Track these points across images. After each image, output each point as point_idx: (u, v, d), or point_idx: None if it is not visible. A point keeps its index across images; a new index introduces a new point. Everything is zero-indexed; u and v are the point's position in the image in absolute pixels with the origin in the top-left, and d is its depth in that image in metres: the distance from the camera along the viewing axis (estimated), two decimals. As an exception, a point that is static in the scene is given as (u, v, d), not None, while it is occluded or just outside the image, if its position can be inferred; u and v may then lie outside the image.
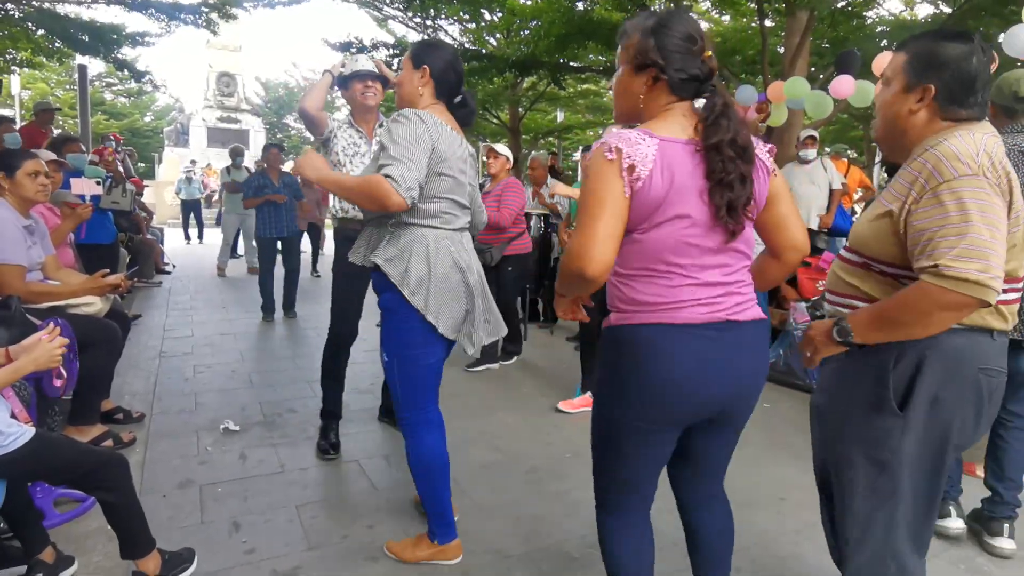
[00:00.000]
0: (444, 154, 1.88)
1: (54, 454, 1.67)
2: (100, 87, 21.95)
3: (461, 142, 2.01)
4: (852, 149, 15.81)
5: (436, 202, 1.92)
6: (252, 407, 3.45)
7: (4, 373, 1.61)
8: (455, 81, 2.01)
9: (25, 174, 2.63)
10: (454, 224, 2.00)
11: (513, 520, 2.38)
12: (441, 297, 1.92)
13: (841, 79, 4.75)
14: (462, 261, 1.98)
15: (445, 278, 1.93)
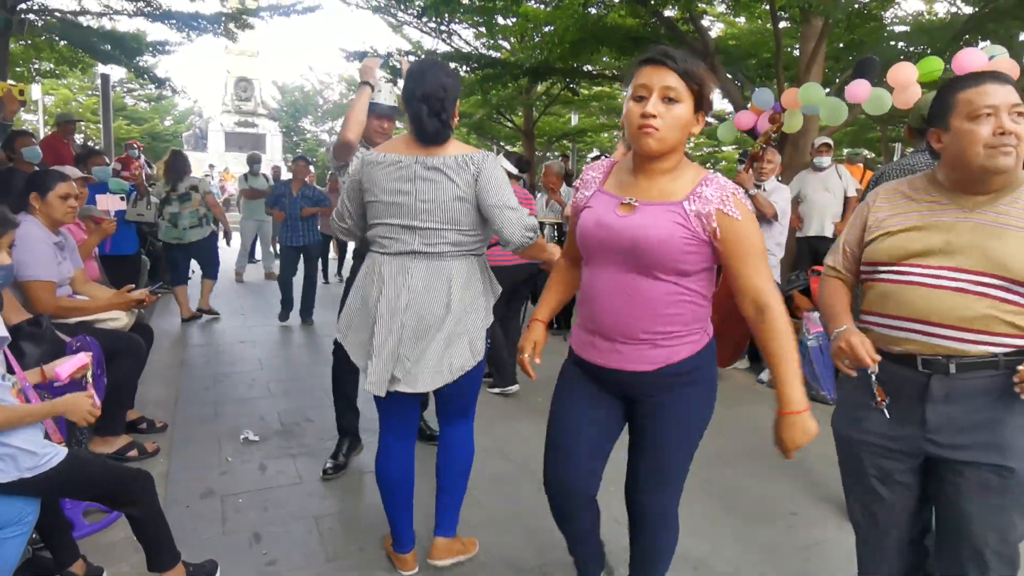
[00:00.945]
0: (366, 184, 1.99)
1: (84, 473, 1.74)
2: (121, 92, 22.31)
3: (399, 161, 1.92)
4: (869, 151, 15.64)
5: (372, 227, 2.02)
6: (271, 416, 3.53)
7: (41, 410, 1.71)
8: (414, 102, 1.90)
9: (57, 196, 2.73)
10: (395, 247, 1.95)
11: (527, 532, 2.42)
12: (350, 318, 2.05)
13: (856, 83, 4.72)
14: (386, 288, 1.93)
15: (361, 301, 2.01)
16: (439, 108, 1.89)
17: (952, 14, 8.40)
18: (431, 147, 1.93)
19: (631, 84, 1.46)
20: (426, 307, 1.91)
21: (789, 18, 7.21)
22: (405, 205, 1.92)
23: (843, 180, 5.40)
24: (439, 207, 1.91)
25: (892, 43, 8.17)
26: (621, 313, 1.51)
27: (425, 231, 1.92)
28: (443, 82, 1.90)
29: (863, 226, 1.58)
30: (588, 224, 1.53)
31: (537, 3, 8.61)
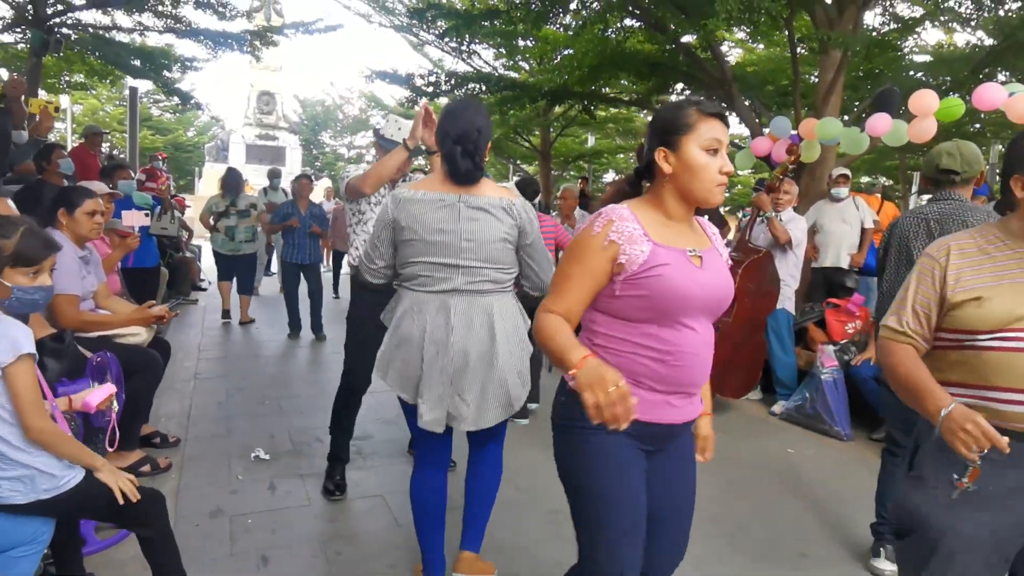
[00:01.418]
0: (406, 224, 1.96)
1: (99, 494, 1.76)
2: (148, 103, 22.84)
3: (442, 200, 1.96)
4: (887, 179, 15.55)
5: (412, 266, 2.00)
6: (281, 435, 3.55)
7: (84, 459, 1.76)
8: (448, 143, 1.95)
9: (84, 212, 2.79)
10: (434, 286, 1.96)
11: (534, 561, 2.41)
12: (392, 354, 2.03)
13: (877, 117, 4.72)
14: (430, 328, 1.94)
15: (400, 340, 2.01)
16: (472, 149, 1.95)
17: (972, 46, 8.38)
18: (466, 186, 1.98)
19: (695, 132, 1.38)
20: (472, 344, 1.94)
21: (808, 47, 7.25)
22: (448, 243, 1.94)
23: (860, 211, 5.38)
24: (482, 246, 1.95)
25: (911, 73, 8.17)
26: (704, 364, 1.45)
27: (468, 269, 1.95)
28: (478, 124, 1.96)
29: (940, 287, 1.43)
30: (683, 282, 1.37)
31: (557, 27, 8.72)
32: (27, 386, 1.62)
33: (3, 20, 7.87)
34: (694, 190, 1.40)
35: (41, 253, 1.76)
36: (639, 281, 1.36)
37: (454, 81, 9.43)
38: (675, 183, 1.41)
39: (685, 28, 6.35)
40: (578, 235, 1.44)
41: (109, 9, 8.42)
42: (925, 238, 2.43)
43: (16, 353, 1.59)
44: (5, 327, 1.63)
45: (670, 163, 1.40)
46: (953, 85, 6.83)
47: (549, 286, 1.52)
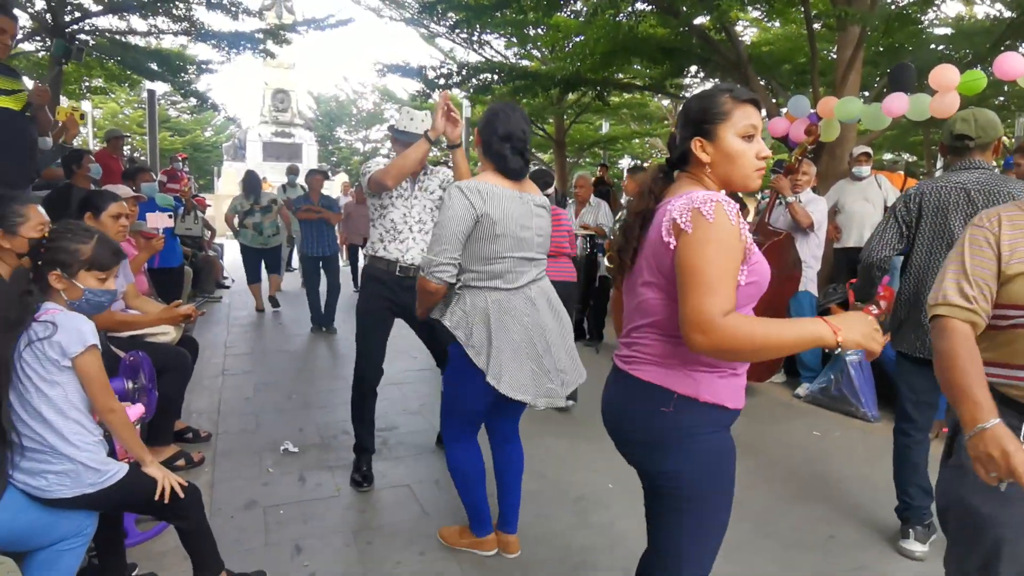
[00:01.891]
0: (496, 217, 2.01)
1: (141, 488, 1.83)
2: (165, 105, 23.13)
3: (520, 197, 2.09)
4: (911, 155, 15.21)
5: (498, 263, 2.05)
6: (309, 428, 3.62)
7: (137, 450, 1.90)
8: (496, 141, 2.08)
9: (109, 216, 2.86)
10: (519, 281, 2.09)
11: (561, 550, 2.44)
12: (501, 359, 2.06)
13: (893, 98, 4.63)
14: (529, 321, 2.09)
15: (509, 341, 2.06)
16: (522, 147, 2.10)
17: (993, 19, 8.14)
18: (518, 183, 2.12)
19: (731, 120, 1.36)
20: (553, 325, 2.16)
21: (825, 24, 7.10)
22: (528, 239, 2.10)
23: (883, 190, 5.28)
24: (546, 240, 2.19)
25: (932, 47, 7.97)
26: None
27: (538, 262, 2.17)
28: (523, 124, 2.12)
29: (995, 256, 1.34)
30: (766, 267, 1.37)
31: (568, 14, 8.65)
32: (97, 372, 1.78)
33: (23, 29, 8.01)
34: (733, 177, 1.39)
35: (111, 260, 1.91)
36: (752, 267, 1.33)
37: (466, 72, 9.42)
38: (714, 171, 1.39)
39: (698, 10, 6.26)
40: (717, 227, 1.25)
41: (125, 14, 8.53)
42: (967, 208, 2.36)
43: (84, 344, 1.74)
44: (73, 320, 1.76)
45: (708, 152, 1.38)
46: (975, 58, 6.66)
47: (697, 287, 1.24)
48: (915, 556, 2.43)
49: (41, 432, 1.71)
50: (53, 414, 1.72)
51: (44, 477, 1.71)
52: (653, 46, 7.47)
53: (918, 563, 2.41)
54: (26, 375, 1.71)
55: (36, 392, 1.71)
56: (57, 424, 1.72)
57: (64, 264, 1.82)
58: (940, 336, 1.36)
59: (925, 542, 2.45)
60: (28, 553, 1.74)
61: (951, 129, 2.43)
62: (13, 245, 2.23)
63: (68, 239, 1.84)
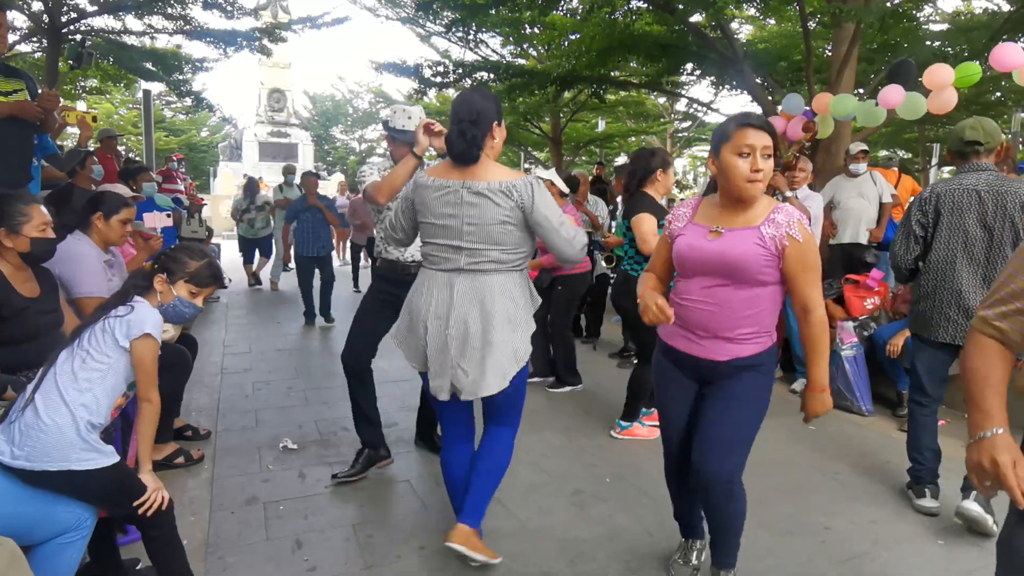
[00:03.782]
0: (418, 205, 2.17)
1: (122, 485, 1.82)
2: (160, 105, 23.09)
3: (446, 186, 2.07)
4: (906, 152, 15.28)
5: (424, 246, 2.20)
6: (308, 425, 3.64)
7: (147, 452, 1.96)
8: (451, 126, 2.06)
9: (119, 220, 2.85)
10: (442, 265, 2.12)
11: (559, 543, 2.46)
12: (403, 326, 2.22)
13: (890, 88, 4.66)
14: (434, 301, 2.10)
15: (412, 311, 2.18)
16: (467, 128, 2.03)
17: (990, 13, 8.18)
18: (471, 169, 2.07)
19: (731, 141, 1.77)
20: (470, 318, 2.06)
21: (820, 21, 7.13)
22: (452, 227, 2.08)
23: (878, 186, 5.31)
24: (483, 229, 2.05)
25: (928, 43, 8.00)
26: (707, 315, 1.88)
27: (470, 251, 2.07)
28: (477, 106, 2.06)
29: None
30: (683, 247, 1.92)
31: (564, 12, 8.66)
32: (149, 361, 1.91)
33: (20, 31, 8.01)
34: (730, 187, 1.81)
35: (208, 281, 2.09)
36: (672, 245, 1.98)
37: (462, 71, 9.42)
38: (720, 181, 1.85)
39: (694, 7, 6.28)
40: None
41: (120, 14, 8.52)
42: (978, 207, 2.62)
43: (143, 330, 1.87)
44: (147, 311, 1.94)
45: (715, 167, 1.85)
46: (972, 54, 6.69)
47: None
48: (932, 511, 2.71)
49: (56, 401, 1.76)
50: (85, 384, 1.80)
51: (32, 447, 1.70)
52: (649, 43, 7.49)
53: (910, 553, 2.45)
54: (88, 342, 1.85)
55: (86, 358, 1.83)
56: (82, 396, 1.79)
57: (171, 271, 2.04)
58: (966, 346, 1.35)
59: (937, 498, 2.75)
60: (31, 548, 1.75)
61: (961, 136, 2.68)
62: (16, 244, 2.24)
63: (184, 252, 2.09)
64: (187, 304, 2.07)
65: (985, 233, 2.61)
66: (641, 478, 3.03)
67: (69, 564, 1.80)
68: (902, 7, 7.11)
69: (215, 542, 2.40)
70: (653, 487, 2.94)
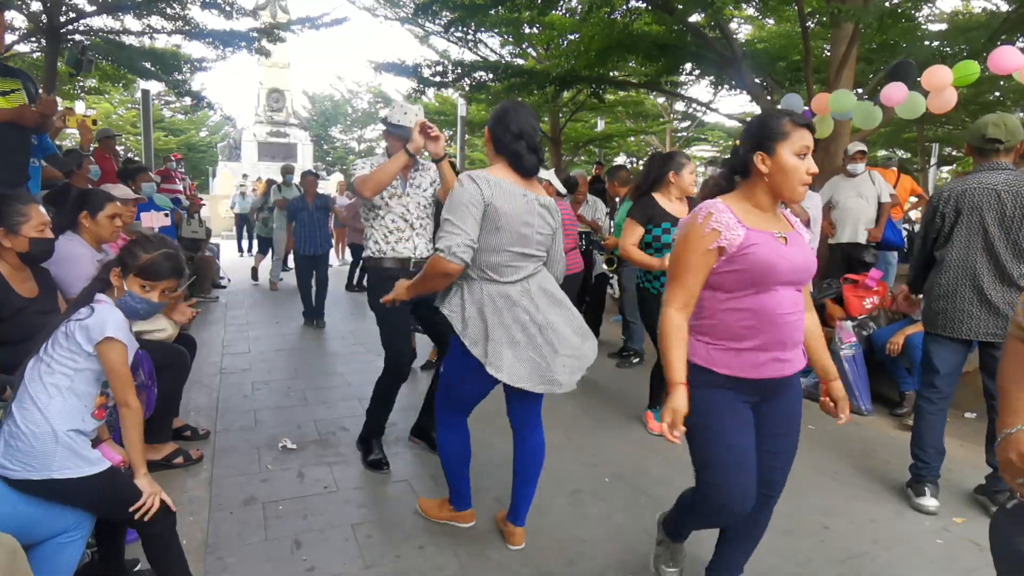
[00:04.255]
0: (501, 209, 2.05)
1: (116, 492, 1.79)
2: (159, 105, 23.06)
3: (524, 195, 2.11)
4: (905, 152, 15.29)
5: (495, 255, 2.10)
6: (307, 425, 3.63)
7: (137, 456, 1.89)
8: (510, 138, 2.11)
9: (106, 216, 2.85)
10: (514, 276, 2.12)
11: (558, 542, 2.46)
12: (500, 350, 2.09)
13: (892, 86, 4.66)
14: (524, 315, 2.11)
15: (505, 332, 2.09)
16: (534, 144, 2.12)
17: (989, 13, 8.19)
18: (527, 182, 2.15)
19: (790, 140, 1.65)
20: (555, 316, 2.16)
21: (819, 21, 7.13)
22: (528, 236, 2.13)
23: (876, 186, 5.32)
24: (545, 240, 2.20)
25: (927, 43, 8.01)
26: (795, 325, 1.73)
27: (536, 259, 2.20)
28: (533, 122, 2.16)
29: None
30: (772, 257, 1.66)
31: (563, 12, 8.67)
32: (117, 364, 1.81)
33: (19, 31, 8.00)
34: (784, 188, 1.68)
35: (165, 274, 1.92)
36: (736, 258, 1.66)
37: (461, 70, 9.42)
38: (769, 181, 1.69)
39: (693, 7, 6.28)
40: (684, 228, 1.73)
41: (119, 14, 8.51)
42: (997, 206, 2.61)
43: (102, 334, 1.78)
44: (106, 312, 1.83)
45: (766, 165, 1.67)
46: (971, 54, 6.69)
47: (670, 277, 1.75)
48: (931, 511, 2.70)
49: (30, 408, 1.73)
50: (53, 391, 1.75)
51: (12, 456, 1.69)
52: (648, 43, 7.49)
53: (909, 552, 2.45)
54: (54, 348, 1.80)
55: (52, 363, 1.78)
56: (52, 402, 1.74)
57: (124, 264, 1.91)
58: (1007, 351, 1.37)
59: (937, 497, 2.75)
60: (30, 546, 1.75)
61: (983, 132, 2.66)
62: (14, 244, 2.24)
63: (138, 244, 1.94)
64: (138, 300, 1.90)
65: (1003, 232, 2.61)
66: (640, 478, 3.03)
67: (69, 563, 1.80)
68: (901, 7, 7.11)
69: (214, 542, 2.39)
70: (652, 487, 2.94)
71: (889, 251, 5.54)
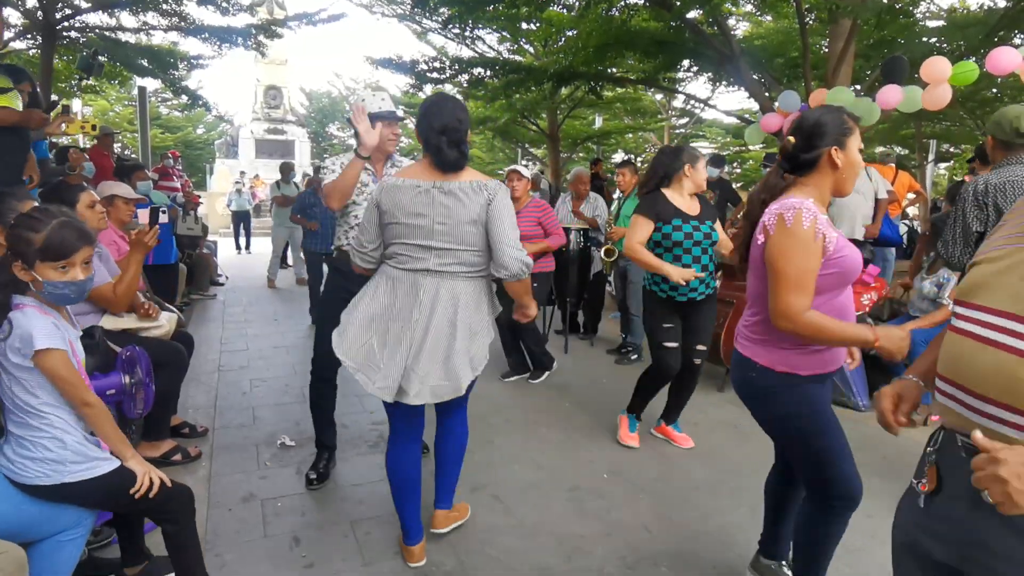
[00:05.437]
0: (386, 206, 2.11)
1: (127, 486, 1.79)
2: (156, 102, 23.00)
3: (417, 186, 2.08)
4: (903, 148, 15.30)
5: (391, 246, 2.16)
6: (306, 422, 3.61)
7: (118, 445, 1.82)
8: (432, 134, 2.07)
9: (84, 207, 2.81)
10: (410, 264, 2.11)
11: (556, 539, 2.46)
12: (350, 320, 2.14)
13: (887, 90, 4.67)
14: (397, 301, 2.08)
15: (364, 308, 2.14)
16: (458, 139, 2.07)
17: (986, 9, 8.19)
18: (449, 174, 2.10)
19: (854, 135, 1.72)
20: (434, 324, 2.05)
21: (817, 18, 7.13)
22: (422, 227, 2.08)
23: (873, 182, 5.31)
24: (454, 229, 2.07)
25: (924, 39, 8.01)
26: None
27: (440, 251, 2.08)
28: (459, 115, 2.09)
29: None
30: (856, 256, 1.70)
31: (561, 8, 8.65)
32: (58, 371, 1.69)
33: (15, 28, 7.96)
34: (848, 181, 1.74)
35: (71, 246, 1.73)
36: (833, 260, 1.65)
37: (458, 67, 9.40)
38: (838, 175, 1.73)
39: (690, 4, 6.28)
40: (793, 233, 1.62)
41: (114, 10, 8.48)
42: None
43: (32, 348, 1.65)
44: (25, 323, 1.68)
45: (839, 159, 1.71)
46: (968, 50, 6.70)
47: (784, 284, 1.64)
48: None
49: (26, 419, 1.71)
50: (35, 402, 1.70)
51: (24, 463, 1.69)
52: (646, 40, 7.49)
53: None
54: (2, 366, 1.69)
55: (13, 381, 1.70)
56: (39, 412, 1.71)
57: (22, 256, 1.70)
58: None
59: None
60: (30, 544, 1.75)
61: (1016, 126, 2.50)
62: None
63: (22, 227, 1.70)
64: (60, 285, 1.72)
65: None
66: (638, 475, 3.04)
67: (69, 561, 1.80)
68: (898, 3, 7.12)
69: (213, 539, 2.39)
70: (650, 483, 2.95)
71: (887, 247, 5.55)
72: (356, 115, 2.54)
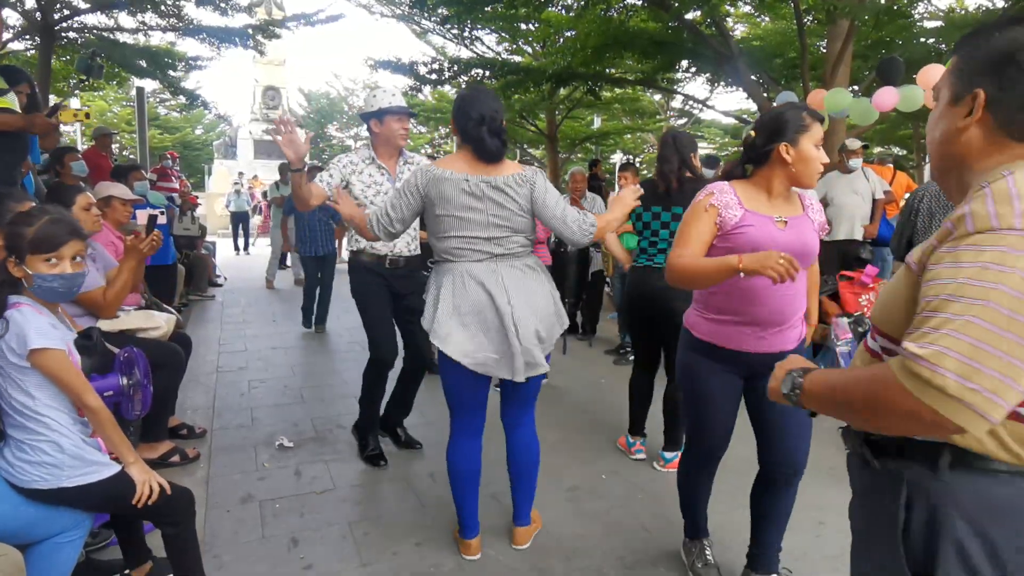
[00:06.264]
0: (435, 198, 2.13)
1: (127, 491, 1.78)
2: (154, 103, 22.96)
3: (466, 180, 2.10)
4: (901, 148, 15.32)
5: (444, 240, 2.17)
6: (304, 423, 3.63)
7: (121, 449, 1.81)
8: (471, 124, 2.10)
9: (80, 208, 2.82)
10: (471, 257, 2.15)
11: (555, 539, 2.46)
12: (449, 322, 2.13)
13: (883, 92, 4.68)
14: (476, 295, 2.12)
15: (454, 307, 2.13)
16: (498, 129, 2.11)
17: (984, 10, 8.21)
18: (491, 165, 2.12)
19: (810, 132, 1.80)
20: (529, 298, 2.15)
21: (815, 18, 7.14)
22: (478, 220, 2.12)
23: (871, 182, 5.33)
24: (506, 220, 2.15)
25: (922, 40, 8.03)
26: (777, 308, 1.86)
27: (499, 239, 2.16)
28: (495, 105, 2.14)
29: None
30: (759, 238, 1.81)
31: (559, 9, 8.66)
32: (57, 370, 1.70)
33: (14, 28, 7.95)
34: (804, 176, 1.83)
35: (61, 239, 1.74)
36: (729, 237, 1.83)
37: (457, 68, 9.40)
38: (789, 170, 1.82)
39: (689, 4, 6.29)
40: (693, 203, 1.90)
41: (113, 11, 8.46)
42: None
43: (27, 348, 1.65)
44: (20, 323, 1.67)
45: (790, 155, 1.80)
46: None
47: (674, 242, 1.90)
48: None
49: (23, 422, 1.70)
50: (31, 403, 1.69)
51: (22, 467, 1.69)
52: (644, 40, 7.49)
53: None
54: (2, 367, 1.69)
55: (9, 382, 1.69)
56: (36, 414, 1.70)
57: (15, 250, 1.72)
58: None
59: None
60: (28, 545, 1.74)
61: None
62: None
63: (16, 223, 1.73)
64: (49, 278, 1.72)
65: None
66: (636, 474, 3.04)
67: (67, 563, 1.80)
68: (896, 4, 7.12)
69: (211, 540, 2.39)
70: (649, 483, 2.95)
71: (885, 247, 5.56)
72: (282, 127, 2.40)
